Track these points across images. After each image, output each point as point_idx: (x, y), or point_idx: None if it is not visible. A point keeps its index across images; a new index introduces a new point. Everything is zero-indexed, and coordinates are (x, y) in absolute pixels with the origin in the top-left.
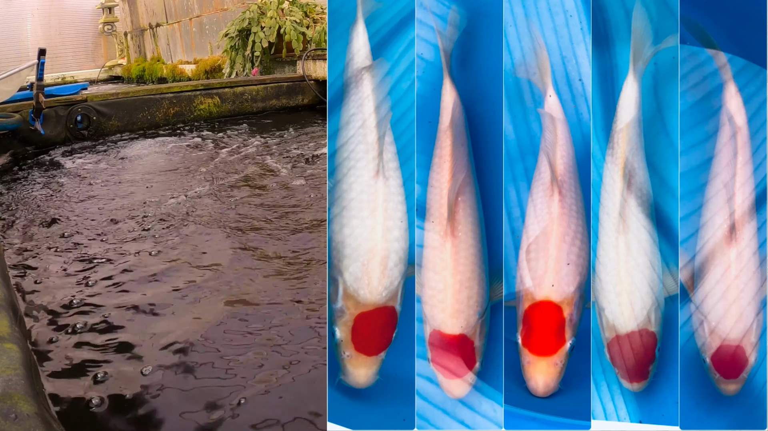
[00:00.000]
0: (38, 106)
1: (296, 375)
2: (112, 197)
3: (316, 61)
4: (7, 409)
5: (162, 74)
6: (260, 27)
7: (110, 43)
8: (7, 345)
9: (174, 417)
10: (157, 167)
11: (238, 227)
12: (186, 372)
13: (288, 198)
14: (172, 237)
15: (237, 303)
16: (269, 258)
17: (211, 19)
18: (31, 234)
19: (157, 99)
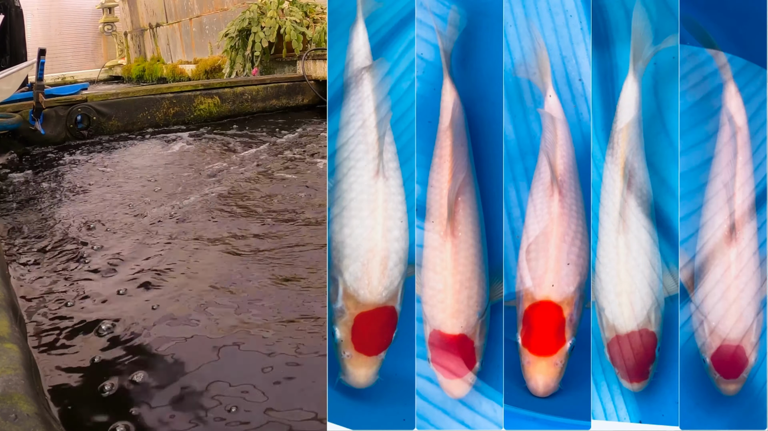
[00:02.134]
0: (38, 106)
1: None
2: (113, 197)
3: (316, 61)
4: (7, 409)
5: (162, 74)
6: (260, 27)
7: (110, 43)
8: (7, 345)
9: (173, 417)
10: (158, 167)
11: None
12: (186, 378)
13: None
14: (176, 238)
15: (247, 302)
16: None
17: (211, 19)
18: (30, 234)
19: (157, 99)
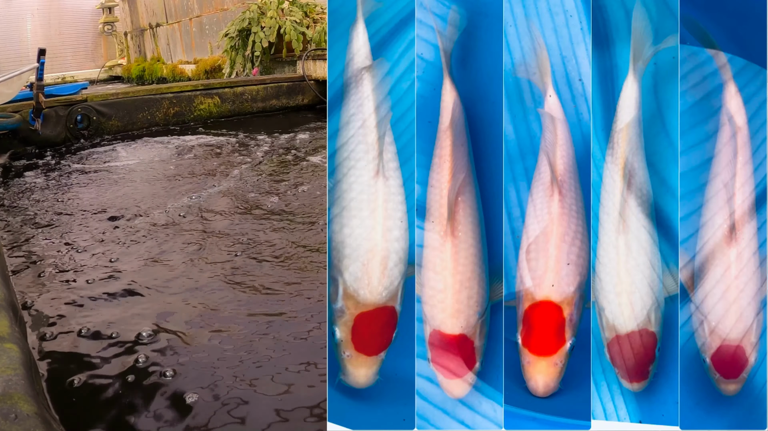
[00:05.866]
0: (38, 106)
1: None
2: (114, 197)
3: (316, 61)
4: (7, 409)
5: (162, 74)
6: (260, 27)
7: (110, 43)
8: (7, 345)
9: (174, 416)
10: (158, 167)
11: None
12: (186, 374)
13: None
14: (179, 239)
15: (245, 292)
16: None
17: (211, 19)
18: (30, 234)
19: (157, 99)
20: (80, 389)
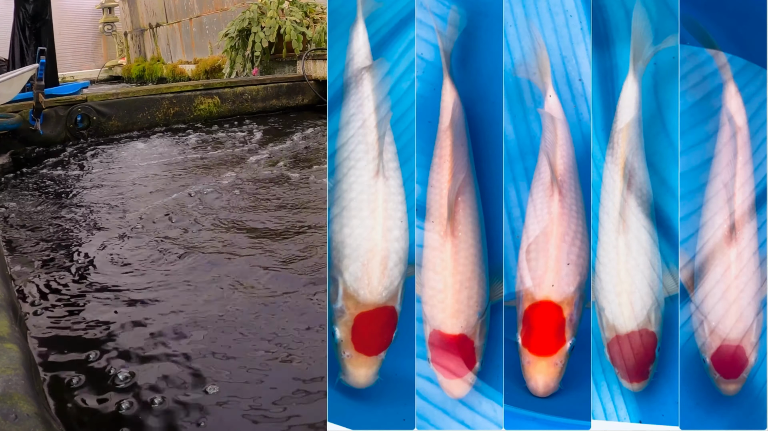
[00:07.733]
0: (38, 106)
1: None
2: (114, 196)
3: (316, 61)
4: (7, 409)
5: (162, 74)
6: (260, 27)
7: (110, 43)
8: (7, 345)
9: (173, 416)
10: (158, 167)
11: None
12: (186, 373)
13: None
14: (177, 238)
15: (245, 291)
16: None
17: (211, 19)
18: (30, 234)
19: (157, 99)
20: (80, 389)
